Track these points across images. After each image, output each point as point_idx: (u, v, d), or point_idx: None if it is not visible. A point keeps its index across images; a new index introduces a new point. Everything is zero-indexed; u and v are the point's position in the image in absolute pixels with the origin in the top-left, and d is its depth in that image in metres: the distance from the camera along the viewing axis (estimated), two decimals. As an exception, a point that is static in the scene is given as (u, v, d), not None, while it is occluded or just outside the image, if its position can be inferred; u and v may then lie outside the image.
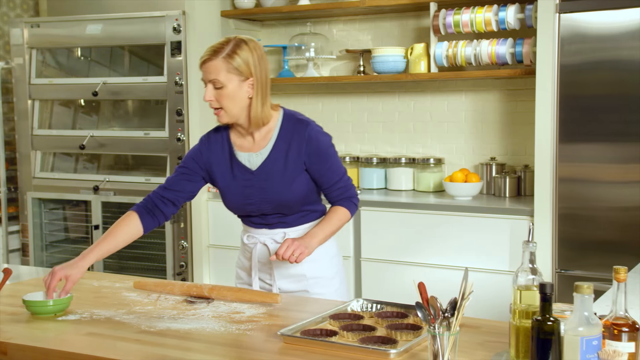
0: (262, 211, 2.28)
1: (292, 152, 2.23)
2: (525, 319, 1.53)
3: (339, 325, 1.85)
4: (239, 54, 2.15)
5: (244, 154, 2.27)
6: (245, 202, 2.27)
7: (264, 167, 2.25)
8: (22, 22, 4.41)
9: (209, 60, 2.14)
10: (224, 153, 2.29)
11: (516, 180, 3.69)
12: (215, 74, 2.14)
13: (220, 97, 2.17)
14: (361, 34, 4.20)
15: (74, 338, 1.81)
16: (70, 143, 4.36)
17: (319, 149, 2.24)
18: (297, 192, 2.25)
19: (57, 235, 4.57)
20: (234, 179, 2.27)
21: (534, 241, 1.58)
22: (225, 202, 2.32)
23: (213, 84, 2.16)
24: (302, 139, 2.23)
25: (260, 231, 2.32)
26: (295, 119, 2.27)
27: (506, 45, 3.53)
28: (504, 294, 3.18)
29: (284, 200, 2.24)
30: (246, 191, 2.26)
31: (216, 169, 2.29)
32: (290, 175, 2.23)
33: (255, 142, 2.26)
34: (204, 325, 1.89)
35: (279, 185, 2.23)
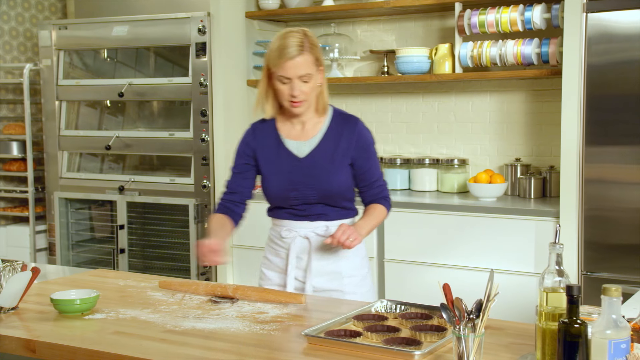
0: (306, 199, 2.29)
1: (342, 144, 2.28)
2: (552, 322, 1.51)
3: (363, 326, 1.85)
4: (315, 44, 2.22)
5: (292, 141, 2.31)
6: (290, 188, 2.28)
7: (312, 155, 2.28)
8: (50, 24, 4.47)
9: (299, 56, 2.17)
10: (270, 140, 2.32)
11: (541, 182, 3.66)
12: (305, 69, 2.18)
13: (307, 90, 2.22)
14: (385, 35, 4.19)
15: (101, 337, 1.83)
16: (96, 143, 4.40)
17: (367, 144, 2.32)
18: (341, 184, 2.29)
19: (83, 234, 4.62)
20: (280, 165, 2.30)
21: (560, 243, 1.56)
22: (269, 189, 2.33)
23: (301, 78, 2.19)
24: (353, 133, 2.29)
25: (301, 224, 2.32)
26: (346, 114, 2.36)
27: (532, 45, 3.50)
28: (530, 296, 3.15)
29: (328, 190, 2.27)
30: (292, 178, 2.28)
31: (261, 154, 2.33)
32: (337, 166, 2.28)
33: (305, 131, 2.31)
34: (229, 325, 1.90)
35: (326, 174, 2.27)
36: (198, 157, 4.08)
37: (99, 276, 2.52)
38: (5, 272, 2.08)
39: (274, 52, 2.19)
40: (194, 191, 4.10)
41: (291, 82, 2.19)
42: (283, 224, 2.36)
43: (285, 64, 2.17)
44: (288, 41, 2.18)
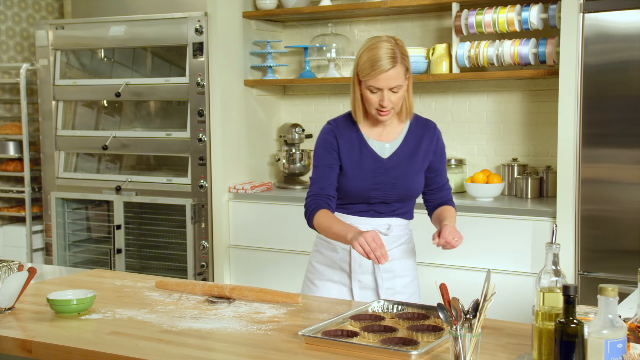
0: (386, 198, 2.31)
1: (423, 146, 2.34)
2: (549, 321, 1.51)
3: (360, 326, 1.85)
4: (405, 53, 2.23)
5: (375, 141, 2.33)
6: (372, 188, 2.30)
7: (394, 156, 2.32)
8: (47, 24, 4.46)
9: (392, 68, 2.17)
10: (353, 138, 2.33)
11: (538, 182, 3.66)
12: (396, 81, 2.19)
13: (396, 99, 2.23)
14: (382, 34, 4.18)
15: (97, 337, 1.83)
16: (93, 143, 4.40)
17: (443, 149, 2.41)
18: (420, 185, 2.36)
19: (80, 234, 4.61)
20: (363, 164, 2.31)
21: (557, 243, 1.56)
22: (349, 186, 2.30)
23: (392, 90, 2.20)
24: (433, 137, 2.37)
25: (364, 220, 2.32)
26: (424, 118, 2.41)
27: (529, 46, 3.50)
28: (526, 296, 3.16)
29: (410, 191, 2.33)
30: (376, 178, 2.30)
31: (344, 151, 2.32)
32: (418, 168, 2.33)
33: (387, 133, 2.33)
34: (225, 325, 1.90)
35: (407, 175, 2.31)
36: (195, 157, 4.07)
37: (96, 276, 2.51)
38: (2, 272, 2.08)
39: (365, 63, 2.19)
40: (191, 191, 4.10)
41: (381, 92, 2.20)
42: (346, 219, 2.33)
43: (378, 76, 2.17)
44: (380, 53, 2.17)
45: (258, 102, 4.34)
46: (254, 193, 4.04)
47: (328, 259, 2.39)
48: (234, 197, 4.05)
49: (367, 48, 2.21)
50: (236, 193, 4.05)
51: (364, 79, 2.20)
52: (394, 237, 2.35)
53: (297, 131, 4.26)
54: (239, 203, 4.04)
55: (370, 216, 2.34)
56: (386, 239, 2.32)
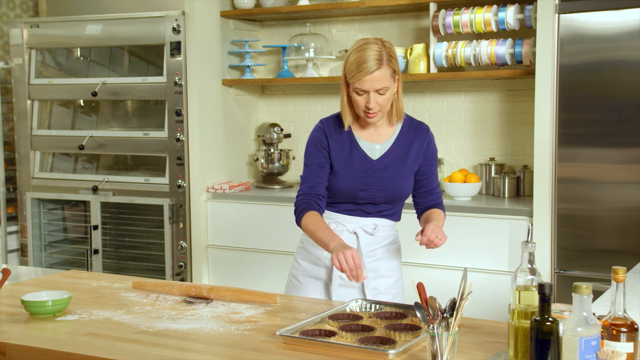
0: (373, 199, 2.32)
1: (414, 148, 2.33)
2: (524, 320, 1.53)
3: (338, 325, 1.85)
4: (393, 55, 2.22)
5: (366, 142, 2.33)
6: (361, 189, 2.30)
7: (384, 157, 2.31)
8: (22, 22, 4.41)
9: (377, 70, 2.17)
10: (344, 138, 2.33)
11: (515, 181, 3.69)
12: (382, 83, 2.19)
13: (382, 101, 2.22)
14: (360, 34, 4.20)
15: (73, 338, 1.81)
16: (69, 143, 4.35)
17: (434, 152, 2.39)
18: (409, 187, 2.35)
19: (56, 235, 4.56)
20: (353, 165, 2.31)
21: (533, 241, 1.58)
22: (338, 185, 2.31)
23: (378, 92, 2.20)
24: (424, 139, 2.35)
25: (351, 219, 2.34)
26: (416, 120, 2.39)
27: (506, 46, 3.53)
28: (503, 294, 3.18)
29: (398, 193, 2.32)
30: (364, 179, 2.30)
31: (334, 150, 2.33)
32: (407, 170, 2.33)
33: (378, 134, 2.33)
34: (203, 326, 1.89)
35: (396, 177, 2.31)
36: (173, 157, 4.05)
37: (72, 277, 2.49)
38: (-25, 273, 2.05)
39: (352, 65, 2.19)
40: (169, 191, 4.07)
41: (367, 95, 2.20)
42: (332, 217, 2.35)
43: (364, 77, 2.17)
44: (366, 54, 2.17)
45: (236, 102, 4.33)
46: (233, 193, 4.03)
47: (313, 255, 2.39)
48: (213, 197, 4.04)
49: (354, 50, 2.21)
50: (214, 193, 4.04)
51: (351, 81, 2.21)
52: (379, 238, 2.35)
53: (276, 131, 4.25)
54: (217, 203, 4.02)
55: (358, 215, 2.34)
56: (372, 239, 2.34)
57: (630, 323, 1.47)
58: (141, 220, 4.24)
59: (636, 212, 3.04)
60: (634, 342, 1.46)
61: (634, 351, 1.47)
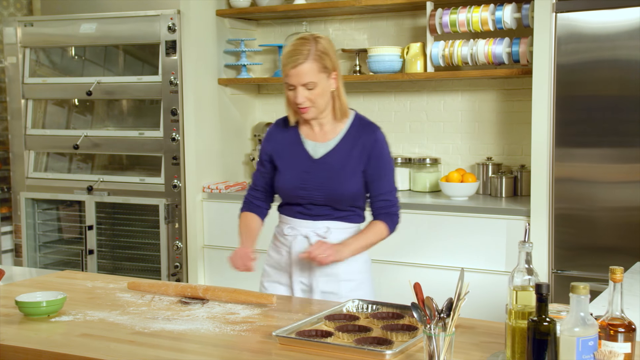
0: (313, 200, 2.31)
1: (357, 149, 2.30)
2: (522, 320, 1.53)
3: (335, 326, 1.85)
4: (323, 51, 2.21)
5: (310, 142, 2.33)
6: (299, 187, 2.30)
7: (326, 157, 2.30)
8: (16, 21, 4.39)
9: (301, 64, 2.18)
10: (290, 137, 2.35)
11: (512, 181, 3.69)
12: (308, 77, 2.19)
13: (312, 97, 2.22)
14: (357, 34, 4.20)
15: (67, 339, 1.80)
16: (64, 143, 4.34)
17: (381, 154, 2.31)
18: (350, 189, 2.30)
19: (51, 235, 4.55)
20: (295, 163, 2.32)
21: (530, 241, 1.58)
22: (281, 184, 2.35)
23: (306, 86, 2.20)
24: (370, 140, 2.31)
25: (303, 223, 2.34)
26: (366, 121, 2.37)
27: (503, 45, 3.53)
28: (500, 295, 3.18)
29: (336, 193, 2.29)
30: (303, 176, 2.30)
31: (278, 150, 2.36)
32: (348, 171, 2.29)
33: (323, 133, 2.33)
34: (199, 326, 1.89)
35: (336, 177, 2.28)
36: (168, 157, 4.04)
37: (67, 278, 2.48)
38: (-31, 274, 2.05)
39: (282, 59, 2.23)
40: (165, 191, 4.07)
41: (295, 89, 2.21)
42: (288, 221, 2.38)
43: (289, 71, 2.20)
44: (293, 49, 2.20)
45: (232, 101, 4.32)
46: (229, 193, 4.03)
47: (274, 260, 2.42)
48: (208, 196, 4.03)
49: (287, 45, 2.25)
50: (210, 193, 4.03)
51: (283, 75, 2.24)
52: (334, 241, 2.30)
53: (272, 130, 4.24)
54: (213, 203, 4.02)
55: (308, 219, 2.33)
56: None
57: (628, 323, 1.47)
58: (136, 221, 4.23)
59: (634, 212, 3.04)
60: (631, 342, 1.47)
61: (631, 351, 1.47)
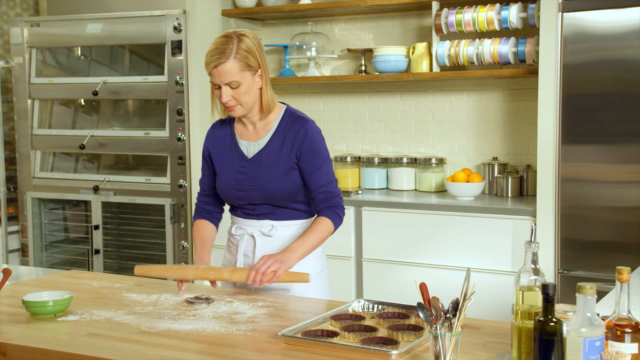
0: (251, 200, 2.30)
1: (286, 145, 2.27)
2: (528, 320, 1.53)
3: (340, 326, 1.85)
4: (246, 50, 2.18)
5: (244, 141, 2.32)
6: (236, 188, 2.30)
7: (258, 156, 2.29)
8: (22, 21, 4.41)
9: (221, 64, 2.15)
10: (226, 139, 2.35)
11: (518, 180, 3.69)
12: (230, 76, 2.16)
13: (237, 95, 2.20)
14: (363, 33, 4.20)
15: (74, 339, 1.81)
16: (70, 143, 4.36)
17: (311, 146, 2.26)
18: (286, 186, 2.27)
19: (57, 235, 4.57)
20: (230, 164, 2.32)
21: (536, 241, 1.57)
22: (219, 187, 2.37)
23: (229, 85, 2.18)
24: (298, 134, 2.27)
25: (248, 222, 2.34)
26: (296, 115, 2.32)
27: (509, 45, 3.53)
28: (506, 295, 3.18)
29: (272, 191, 2.27)
30: (238, 177, 2.30)
31: (215, 153, 2.36)
32: (281, 168, 2.27)
33: (256, 132, 2.32)
34: (205, 326, 1.89)
35: (269, 175, 2.26)
36: (174, 157, 4.05)
37: (73, 277, 2.49)
38: (-24, 273, 2.05)
39: (205, 58, 2.20)
40: (170, 191, 4.08)
41: (220, 89, 2.19)
42: (236, 221, 2.40)
43: (210, 71, 2.18)
44: (215, 47, 2.17)
45: (238, 101, 4.32)
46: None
47: (227, 260, 2.44)
48: (214, 196, 4.03)
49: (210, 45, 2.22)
50: (216, 193, 4.03)
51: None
52: (280, 238, 2.29)
53: (277, 130, 4.25)
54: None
55: (253, 218, 2.33)
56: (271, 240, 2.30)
57: (635, 324, 1.47)
58: (142, 220, 4.24)
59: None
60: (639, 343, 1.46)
61: (638, 352, 1.46)
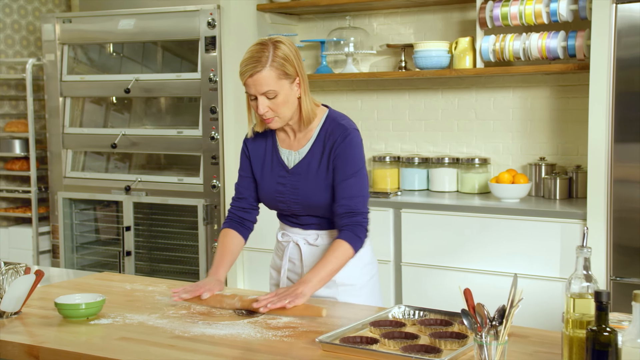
0: (293, 212, 2.31)
1: (325, 154, 2.24)
2: (579, 329, 1.50)
3: (380, 332, 1.85)
4: (283, 57, 2.13)
5: (285, 150, 2.31)
6: (277, 199, 2.30)
7: (299, 166, 2.28)
8: (54, 17, 4.49)
9: (257, 73, 2.10)
10: (267, 146, 2.33)
11: (567, 182, 3.64)
12: (267, 86, 2.12)
13: (275, 107, 2.15)
14: (403, 28, 4.18)
15: (106, 342, 1.84)
16: (101, 142, 4.43)
17: (345, 153, 2.21)
18: (327, 199, 2.24)
19: (88, 236, 4.64)
20: (271, 173, 2.31)
21: (588, 246, 1.55)
22: (260, 195, 2.37)
23: (266, 95, 2.13)
24: (335, 141, 2.22)
25: (294, 230, 2.35)
26: (337, 122, 2.26)
27: (558, 39, 3.48)
28: (555, 302, 3.14)
29: (314, 203, 2.26)
30: (279, 188, 2.29)
31: (255, 158, 2.35)
32: (322, 180, 2.24)
33: (297, 140, 2.29)
34: (240, 331, 1.90)
35: (310, 187, 2.25)
36: (207, 156, 4.09)
37: (105, 280, 2.53)
38: (8, 275, 2.10)
39: (240, 68, 2.15)
40: (203, 191, 4.11)
41: (256, 100, 2.15)
42: (282, 227, 2.40)
43: (245, 81, 2.14)
44: (250, 56, 2.13)
45: (273, 99, 4.34)
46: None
47: (275, 263, 2.45)
48: (248, 197, 4.06)
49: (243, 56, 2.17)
50: (250, 193, 4.06)
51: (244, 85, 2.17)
52: (325, 247, 2.28)
53: (314, 129, 4.26)
54: (252, 204, 4.04)
55: (298, 227, 2.33)
56: (316, 250, 2.30)
57: (695, 334, 1.43)
58: (174, 222, 4.29)
59: (699, 216, 2.97)
60: (699, 355, 1.43)
61: (699, 364, 1.43)
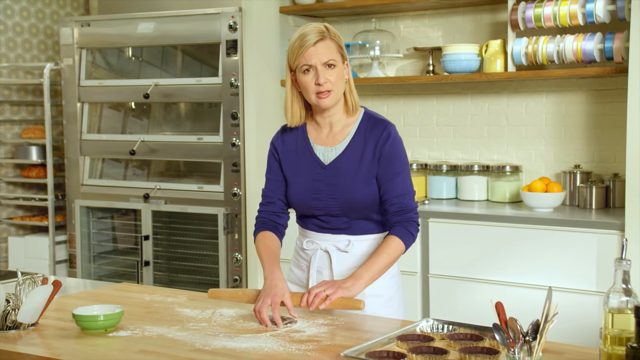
0: (328, 210, 2.30)
1: (368, 150, 2.27)
2: (619, 346, 1.49)
3: (407, 347, 1.84)
4: (338, 35, 2.27)
5: (319, 147, 2.32)
6: (312, 197, 2.30)
7: (336, 162, 2.29)
8: (72, 21, 4.55)
9: (321, 41, 2.21)
10: (299, 143, 2.35)
11: (604, 191, 3.61)
12: (329, 54, 2.21)
13: (333, 78, 2.22)
14: (431, 30, 4.18)
15: (125, 355, 1.85)
16: (119, 148, 4.47)
17: (393, 151, 2.27)
18: (367, 196, 2.27)
19: (105, 245, 4.68)
20: (305, 171, 2.32)
21: (627, 259, 1.54)
22: (292, 196, 2.36)
23: (327, 64, 2.21)
24: (379, 137, 2.27)
25: (322, 236, 2.34)
26: (377, 117, 2.33)
27: (594, 41, 3.46)
28: (591, 317, 3.11)
29: (352, 201, 2.27)
30: (315, 185, 2.30)
31: (286, 158, 2.36)
32: (362, 175, 2.26)
33: (333, 136, 2.32)
34: (262, 345, 1.91)
35: (350, 184, 2.26)
36: (228, 163, 4.11)
37: (123, 290, 2.55)
38: (25, 285, 2.12)
39: (294, 44, 2.23)
40: (224, 199, 4.13)
41: (315, 70, 2.21)
42: (307, 234, 2.39)
43: (306, 52, 2.20)
44: (307, 30, 2.23)
45: (296, 104, 4.36)
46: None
47: (296, 276, 2.43)
48: (270, 206, 4.07)
49: (295, 35, 2.25)
50: (272, 202, 4.07)
51: (296, 62, 2.21)
52: (357, 255, 2.30)
53: (338, 135, 4.26)
54: (274, 213, 4.05)
55: (327, 232, 2.33)
56: (348, 256, 2.30)
57: None
58: (194, 231, 4.31)
59: None
60: None
61: None
